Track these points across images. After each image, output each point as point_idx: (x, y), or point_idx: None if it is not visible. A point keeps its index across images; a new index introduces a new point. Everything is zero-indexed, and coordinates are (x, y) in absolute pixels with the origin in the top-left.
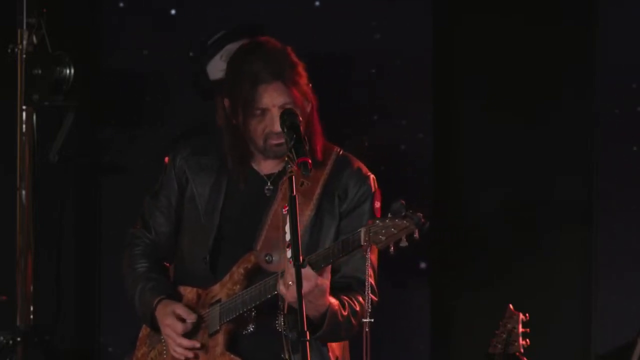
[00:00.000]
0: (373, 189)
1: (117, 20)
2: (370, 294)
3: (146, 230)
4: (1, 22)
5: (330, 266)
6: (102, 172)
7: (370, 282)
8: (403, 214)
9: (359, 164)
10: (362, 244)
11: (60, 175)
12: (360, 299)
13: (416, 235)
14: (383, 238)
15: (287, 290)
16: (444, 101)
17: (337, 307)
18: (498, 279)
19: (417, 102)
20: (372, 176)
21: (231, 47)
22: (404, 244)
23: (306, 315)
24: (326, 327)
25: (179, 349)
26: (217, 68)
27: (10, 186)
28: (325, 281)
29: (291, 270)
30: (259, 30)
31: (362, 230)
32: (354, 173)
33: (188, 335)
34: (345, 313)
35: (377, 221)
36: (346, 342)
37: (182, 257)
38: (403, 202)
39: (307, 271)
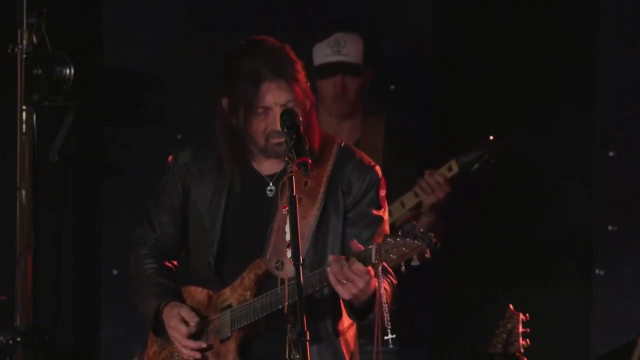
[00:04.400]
0: (378, 177)
1: (117, 20)
2: (391, 277)
3: (151, 229)
4: (1, 22)
5: None
6: (102, 172)
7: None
8: (415, 234)
9: (361, 154)
10: (374, 261)
11: (60, 175)
12: (391, 278)
13: (427, 254)
14: (394, 257)
15: (342, 287)
16: (444, 101)
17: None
18: (498, 279)
19: (417, 103)
20: (376, 166)
21: (339, 36)
22: (415, 263)
23: (350, 304)
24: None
25: (185, 351)
26: (322, 53)
27: (10, 186)
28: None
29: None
30: (369, 28)
31: (373, 248)
32: (357, 166)
33: (195, 337)
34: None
35: (389, 239)
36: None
37: (190, 259)
38: (415, 222)
39: (359, 267)
